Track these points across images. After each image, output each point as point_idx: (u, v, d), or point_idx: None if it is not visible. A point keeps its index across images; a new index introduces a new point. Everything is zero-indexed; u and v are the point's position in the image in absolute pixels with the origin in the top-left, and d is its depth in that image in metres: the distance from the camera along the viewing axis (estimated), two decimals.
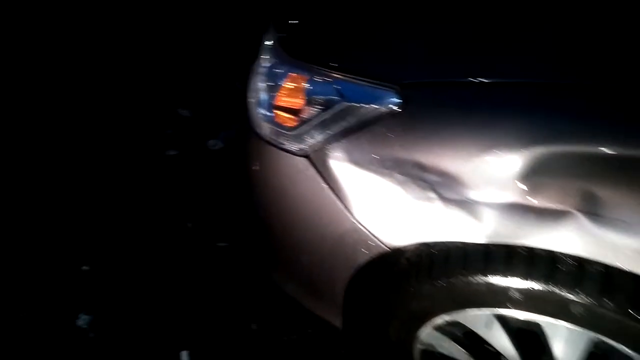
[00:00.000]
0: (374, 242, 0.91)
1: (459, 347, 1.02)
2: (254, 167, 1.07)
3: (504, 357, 0.99)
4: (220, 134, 2.00)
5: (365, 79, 0.84)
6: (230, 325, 1.50)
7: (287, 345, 1.46)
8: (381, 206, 0.87)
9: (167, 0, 2.59)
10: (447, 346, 1.03)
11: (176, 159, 1.97)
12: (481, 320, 0.93)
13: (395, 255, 0.92)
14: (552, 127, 0.69)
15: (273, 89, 0.97)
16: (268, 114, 0.99)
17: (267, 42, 1.02)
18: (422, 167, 0.80)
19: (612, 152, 0.66)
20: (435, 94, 0.80)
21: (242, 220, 1.65)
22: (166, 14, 2.54)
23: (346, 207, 0.91)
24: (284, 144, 0.95)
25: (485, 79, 0.76)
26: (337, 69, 0.88)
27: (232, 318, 1.51)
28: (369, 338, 1.15)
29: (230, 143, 1.97)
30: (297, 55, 0.96)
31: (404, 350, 1.11)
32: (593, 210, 0.69)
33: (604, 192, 0.68)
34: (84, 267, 1.66)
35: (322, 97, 0.88)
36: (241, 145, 1.12)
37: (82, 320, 1.52)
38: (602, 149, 0.67)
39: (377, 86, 0.83)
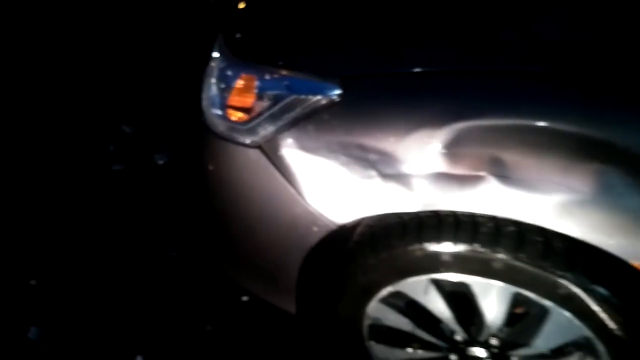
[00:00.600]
0: (323, 221, 1.01)
1: (403, 317, 1.13)
2: (210, 166, 1.15)
3: (443, 322, 1.11)
4: (166, 149, 2.05)
5: (309, 74, 0.96)
6: (185, 328, 1.54)
7: (243, 343, 1.51)
8: (329, 187, 0.98)
9: (109, 19, 2.64)
10: (393, 318, 1.14)
11: (122, 173, 2.00)
12: (419, 287, 1.04)
13: (342, 233, 1.03)
14: (465, 105, 0.84)
15: (225, 90, 1.07)
16: (222, 113, 1.08)
17: (217, 48, 1.12)
18: (363, 148, 0.92)
19: (514, 123, 0.81)
20: (371, 84, 0.93)
21: (193, 227, 1.71)
22: (107, 32, 2.57)
23: (297, 191, 1.01)
24: (237, 138, 1.05)
25: (412, 69, 0.90)
26: (283, 67, 1.00)
27: (187, 321, 1.55)
28: (321, 319, 1.24)
29: (176, 157, 2.02)
30: (246, 57, 1.07)
31: (354, 328, 1.20)
32: (502, 173, 0.83)
33: (511, 157, 0.82)
34: (32, 282, 1.64)
35: (271, 92, 0.99)
36: (197, 147, 1.20)
37: (33, 332, 1.50)
38: (506, 121, 0.82)
39: (320, 79, 0.95)
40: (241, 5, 1.28)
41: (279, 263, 1.17)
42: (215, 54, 1.13)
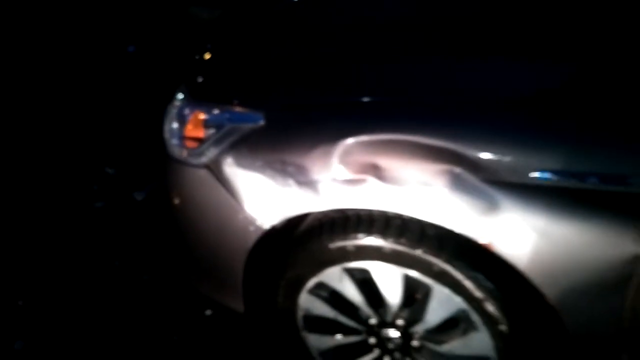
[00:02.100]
0: (258, 224, 1.27)
1: (328, 306, 1.37)
2: (171, 186, 1.43)
3: (360, 308, 1.35)
4: (144, 187, 2.32)
5: (243, 108, 1.27)
6: (154, 339, 1.75)
7: (204, 350, 1.72)
8: (260, 195, 1.25)
9: (87, 68, 2.99)
10: (320, 307, 1.38)
11: (103, 209, 2.26)
12: (336, 277, 1.29)
13: (273, 233, 1.29)
14: (352, 127, 1.13)
15: (182, 123, 1.36)
16: (179, 142, 1.37)
17: (179, 93, 1.42)
18: (283, 162, 1.20)
19: (386, 138, 1.10)
20: (286, 114, 1.24)
21: (164, 252, 1.95)
22: (87, 81, 2.92)
23: (237, 200, 1.28)
24: (191, 161, 1.33)
25: (314, 102, 1.22)
26: (223, 103, 1.31)
27: (156, 333, 1.77)
28: (263, 313, 1.47)
29: (153, 193, 2.29)
30: (199, 97, 1.38)
31: (291, 320, 1.43)
32: (380, 175, 1.11)
33: (385, 163, 1.11)
34: (19, 302, 1.86)
35: (215, 123, 1.29)
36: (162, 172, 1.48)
37: (19, 344, 1.71)
38: (381, 136, 1.11)
39: (250, 111, 1.26)
40: (207, 56, 1.61)
41: (226, 266, 1.42)
42: (179, 96, 1.44)
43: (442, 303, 1.22)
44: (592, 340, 1.13)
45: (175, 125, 1.38)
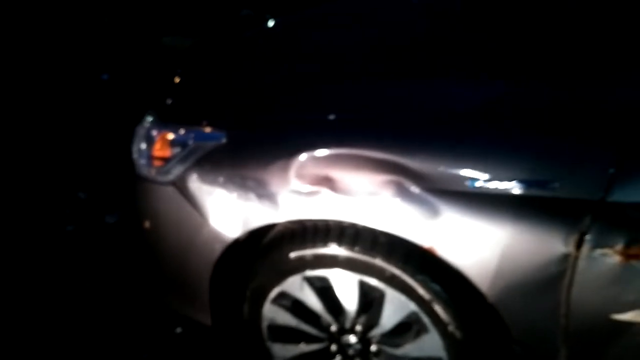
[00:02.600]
0: (222, 237, 1.34)
1: (291, 315, 1.43)
2: (139, 204, 1.49)
3: (321, 316, 1.41)
4: (117, 210, 2.37)
5: (205, 127, 1.36)
6: (125, 357, 1.78)
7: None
8: (223, 209, 1.33)
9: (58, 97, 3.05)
10: (283, 317, 1.44)
11: (75, 232, 2.29)
12: (296, 285, 1.36)
13: (238, 245, 1.36)
14: (306, 143, 1.22)
15: (150, 144, 1.44)
16: (147, 161, 1.45)
17: (148, 116, 1.50)
18: (243, 177, 1.28)
19: (337, 152, 1.20)
20: (246, 132, 1.33)
21: (133, 271, 2.00)
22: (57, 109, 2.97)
23: (202, 214, 1.35)
24: (158, 179, 1.41)
25: (271, 121, 1.32)
26: (189, 123, 1.40)
27: (127, 351, 1.80)
28: (229, 325, 1.52)
29: (125, 216, 2.33)
30: (166, 119, 1.46)
31: (256, 330, 1.49)
32: (332, 187, 1.20)
33: (337, 175, 1.20)
34: None
35: (181, 142, 1.37)
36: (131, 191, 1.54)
37: None
38: (333, 151, 1.20)
39: (213, 130, 1.34)
40: (176, 80, 1.70)
41: (193, 280, 1.47)
42: (148, 118, 1.52)
43: (395, 306, 1.29)
44: (533, 338, 1.22)
45: (143, 145, 1.46)
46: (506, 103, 1.17)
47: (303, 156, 1.22)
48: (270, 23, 2.03)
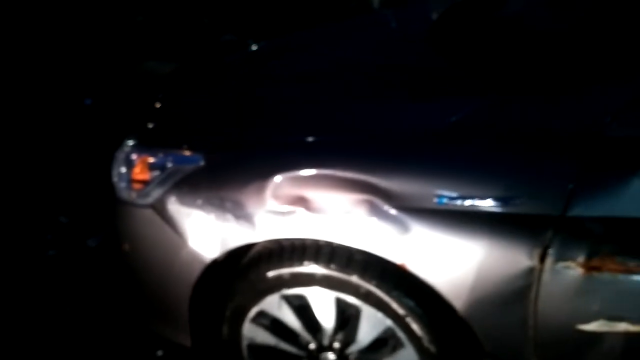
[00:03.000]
0: (200, 258, 1.37)
1: (270, 334, 1.45)
2: (119, 226, 1.51)
3: (300, 334, 1.43)
4: (99, 234, 2.37)
5: (184, 151, 1.40)
6: None
7: None
8: (201, 230, 1.36)
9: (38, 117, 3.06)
10: (262, 335, 1.46)
11: (56, 257, 2.29)
12: (275, 304, 1.39)
13: (217, 266, 1.38)
14: (281, 165, 1.27)
15: (129, 167, 1.47)
16: (127, 185, 1.47)
17: (128, 140, 1.54)
18: (221, 199, 1.32)
19: (313, 173, 1.24)
20: (223, 155, 1.37)
21: (114, 295, 2.00)
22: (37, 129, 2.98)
23: (181, 236, 1.38)
24: (137, 202, 1.43)
25: (246, 145, 1.37)
26: (168, 147, 1.44)
27: None
28: (209, 346, 1.53)
29: (107, 239, 2.34)
30: (146, 143, 1.50)
31: (236, 350, 1.50)
32: (307, 207, 1.24)
33: (312, 195, 1.24)
34: None
35: (160, 165, 1.40)
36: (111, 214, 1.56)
37: None
38: (308, 172, 1.24)
39: (191, 154, 1.38)
40: (157, 105, 1.74)
41: (173, 301, 1.49)
42: (127, 142, 1.55)
43: (371, 323, 1.32)
44: (504, 350, 1.25)
45: (123, 169, 1.49)
46: (471, 123, 1.23)
47: (278, 177, 1.26)
48: (253, 48, 2.09)
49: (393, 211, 1.20)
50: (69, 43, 3.96)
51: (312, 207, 1.25)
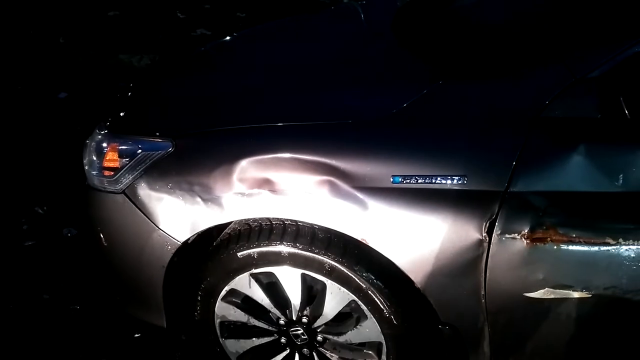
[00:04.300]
0: (172, 240, 1.42)
1: (241, 311, 1.52)
2: (91, 213, 1.56)
3: (270, 310, 1.50)
4: (75, 223, 2.40)
5: (153, 137, 1.45)
6: None
7: None
8: (172, 214, 1.41)
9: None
10: (234, 313, 1.53)
11: (33, 247, 2.31)
12: (245, 283, 1.45)
13: (187, 247, 1.44)
14: (246, 148, 1.33)
15: (100, 155, 1.52)
16: (97, 172, 1.52)
17: (98, 128, 1.58)
18: (189, 183, 1.37)
19: (275, 156, 1.31)
20: (190, 140, 1.43)
21: (92, 282, 2.04)
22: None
23: (152, 220, 1.43)
24: (108, 188, 1.48)
25: (213, 130, 1.42)
26: (137, 134, 1.49)
27: (86, 358, 1.85)
28: (184, 326, 1.59)
29: (84, 229, 2.37)
30: (115, 131, 1.55)
31: (209, 328, 1.57)
32: (272, 188, 1.31)
33: (275, 177, 1.31)
34: None
35: (129, 152, 1.45)
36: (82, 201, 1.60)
37: None
38: (271, 155, 1.31)
39: (160, 139, 1.44)
40: (128, 93, 1.78)
41: (147, 284, 1.54)
42: (97, 131, 1.59)
43: (335, 297, 1.40)
44: (459, 319, 1.34)
45: (94, 157, 1.53)
46: (422, 107, 1.31)
47: (244, 161, 1.33)
48: (223, 39, 2.14)
49: (352, 191, 1.27)
50: (43, 37, 3.95)
51: (277, 189, 1.32)
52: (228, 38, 2.05)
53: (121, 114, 1.64)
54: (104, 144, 1.52)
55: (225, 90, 1.59)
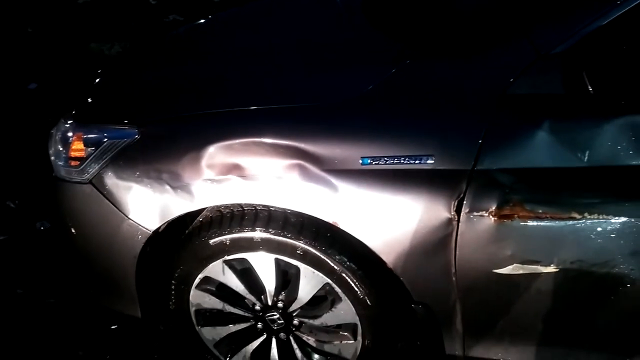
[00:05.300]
0: (142, 229, 1.41)
1: (216, 298, 1.51)
2: (59, 203, 1.53)
3: (245, 297, 1.50)
4: (48, 217, 2.36)
5: (118, 125, 1.42)
6: (62, 354, 1.81)
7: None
8: (141, 202, 1.39)
9: None
10: (209, 301, 1.52)
11: (5, 242, 2.27)
12: (219, 270, 1.45)
13: (157, 236, 1.43)
14: (215, 134, 1.31)
15: (65, 145, 1.48)
16: (63, 163, 1.49)
17: (63, 118, 1.54)
18: (157, 170, 1.35)
19: (245, 141, 1.29)
20: (156, 127, 1.40)
21: (66, 275, 2.02)
22: None
23: (121, 210, 1.41)
24: (75, 179, 1.45)
25: (179, 116, 1.40)
26: (102, 122, 1.46)
27: (64, 350, 1.83)
28: (159, 315, 1.58)
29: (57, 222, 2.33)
30: (80, 120, 1.51)
31: (185, 317, 1.56)
32: (242, 174, 1.30)
33: (246, 162, 1.29)
34: None
35: (95, 141, 1.42)
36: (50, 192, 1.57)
37: None
38: (240, 140, 1.29)
39: (126, 127, 1.41)
40: (96, 81, 1.74)
41: (119, 274, 1.53)
42: (63, 120, 1.56)
43: (310, 280, 1.40)
44: (431, 297, 1.35)
45: (60, 147, 1.50)
46: (388, 88, 1.30)
47: (212, 147, 1.31)
48: (193, 23, 2.10)
49: (322, 174, 1.26)
50: (10, 27, 3.83)
51: (247, 174, 1.31)
52: (202, 21, 2.01)
53: (87, 103, 1.60)
54: (69, 134, 1.49)
55: (193, 75, 1.56)
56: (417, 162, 1.22)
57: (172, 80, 1.58)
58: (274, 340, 1.55)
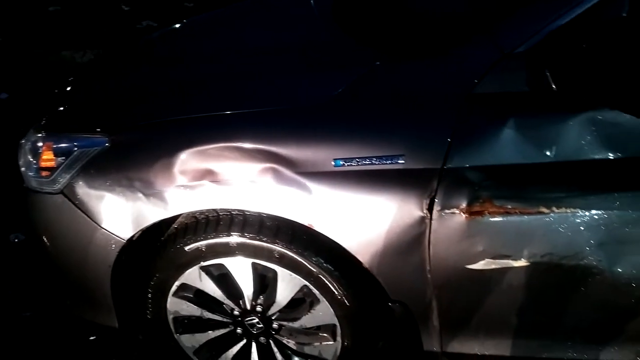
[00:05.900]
0: (116, 238, 1.39)
1: (194, 305, 1.51)
2: (31, 215, 1.51)
3: (224, 302, 1.50)
4: (22, 229, 2.32)
5: (88, 134, 1.41)
6: None
7: None
8: (113, 211, 1.38)
9: None
10: (187, 308, 1.51)
11: None
12: (195, 276, 1.44)
13: (132, 245, 1.41)
14: (189, 139, 1.31)
15: (35, 156, 1.46)
16: (34, 174, 1.47)
17: (33, 128, 1.52)
18: (129, 178, 1.34)
19: (220, 146, 1.29)
20: (127, 135, 1.39)
21: (41, 288, 1.98)
22: None
23: (94, 220, 1.40)
24: (46, 189, 1.43)
25: (151, 122, 1.39)
26: (72, 131, 1.44)
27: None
28: (137, 325, 1.57)
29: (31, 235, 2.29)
30: (50, 129, 1.49)
31: (163, 325, 1.55)
32: (215, 179, 1.30)
33: (219, 168, 1.29)
34: None
35: (65, 151, 1.41)
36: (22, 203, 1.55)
37: None
38: (215, 145, 1.29)
39: (96, 136, 1.40)
40: (67, 90, 1.72)
41: (94, 284, 1.51)
42: (32, 130, 1.54)
43: (287, 283, 1.41)
44: (407, 295, 1.37)
45: (30, 157, 1.48)
46: (358, 91, 1.32)
47: (184, 153, 1.30)
48: (167, 29, 2.08)
49: (296, 177, 1.27)
50: None
51: (220, 179, 1.30)
52: (176, 26, 2.00)
53: (58, 112, 1.58)
54: (39, 144, 1.47)
55: (165, 81, 1.55)
56: (388, 162, 1.24)
57: (144, 87, 1.57)
58: (254, 344, 1.55)
